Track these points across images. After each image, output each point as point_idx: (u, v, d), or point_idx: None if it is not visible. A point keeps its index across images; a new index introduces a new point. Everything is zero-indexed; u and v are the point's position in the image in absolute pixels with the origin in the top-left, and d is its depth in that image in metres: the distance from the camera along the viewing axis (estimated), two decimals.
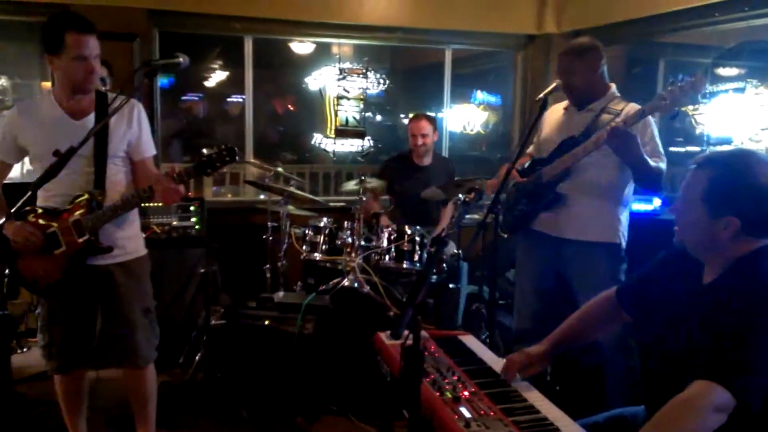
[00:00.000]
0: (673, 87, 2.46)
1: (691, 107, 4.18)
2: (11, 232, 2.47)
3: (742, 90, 4.06)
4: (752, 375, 1.49)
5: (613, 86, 2.95)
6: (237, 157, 2.47)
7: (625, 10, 4.50)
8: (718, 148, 3.73)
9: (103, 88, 3.30)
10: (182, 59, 2.33)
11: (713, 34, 4.66)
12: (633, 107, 2.78)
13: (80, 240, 2.49)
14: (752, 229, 1.63)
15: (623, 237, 2.95)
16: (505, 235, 3.24)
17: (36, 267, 2.53)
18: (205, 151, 2.56)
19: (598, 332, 2.12)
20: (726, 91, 4.12)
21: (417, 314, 1.65)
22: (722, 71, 4.86)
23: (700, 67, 5.40)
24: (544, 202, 2.99)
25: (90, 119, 2.57)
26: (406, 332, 1.64)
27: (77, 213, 2.50)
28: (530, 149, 3.29)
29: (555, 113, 3.12)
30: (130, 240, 2.68)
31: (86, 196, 2.51)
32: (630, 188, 2.94)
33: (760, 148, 3.74)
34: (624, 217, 2.96)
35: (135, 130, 2.67)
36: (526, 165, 3.18)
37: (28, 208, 2.53)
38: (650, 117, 2.72)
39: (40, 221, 2.53)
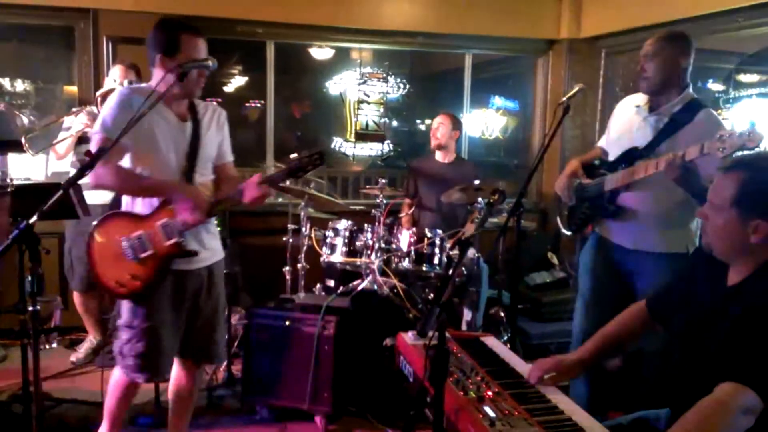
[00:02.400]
0: (732, 136, 2.30)
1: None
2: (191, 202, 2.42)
3: (766, 95, 4.02)
4: None
5: (690, 89, 2.81)
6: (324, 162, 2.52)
7: (646, 16, 4.49)
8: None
9: None
10: (212, 62, 2.37)
11: (733, 40, 4.63)
12: (708, 121, 2.69)
13: (168, 243, 2.46)
14: None
15: (693, 245, 2.83)
16: (569, 233, 3.22)
17: (121, 272, 2.47)
18: (293, 155, 2.58)
19: (631, 343, 2.11)
20: (750, 96, 4.08)
21: (443, 313, 1.66)
22: (744, 77, 4.83)
23: (721, 72, 5.37)
24: (605, 212, 2.93)
25: (189, 124, 2.58)
26: (431, 332, 1.66)
27: (165, 216, 2.48)
28: (602, 142, 3.19)
29: (625, 111, 3.00)
30: (216, 242, 2.71)
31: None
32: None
33: None
34: (693, 226, 2.84)
35: (221, 135, 2.71)
36: (595, 162, 3.10)
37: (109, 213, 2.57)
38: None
39: (125, 225, 2.49)
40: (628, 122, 2.96)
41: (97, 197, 3.82)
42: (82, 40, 4.66)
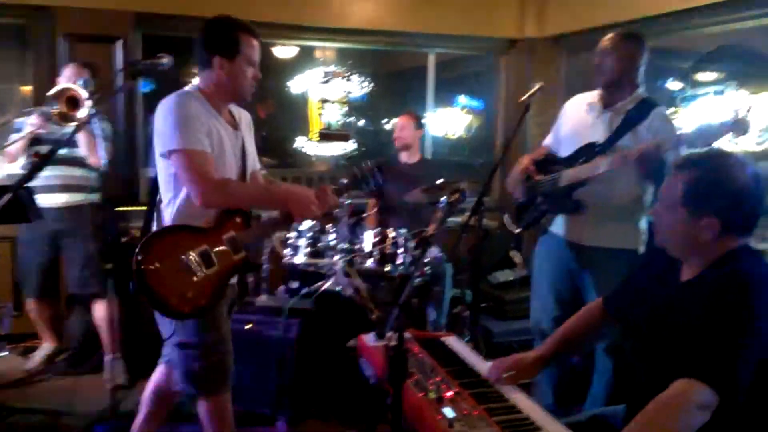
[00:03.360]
0: (713, 125, 2.41)
1: (671, 109, 4.22)
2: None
3: (721, 92, 4.10)
4: (734, 371, 1.50)
5: (642, 88, 2.89)
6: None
7: (607, 14, 4.53)
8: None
9: (79, 89, 3.28)
10: (166, 60, 2.31)
11: (690, 40, 4.71)
12: (662, 118, 2.76)
13: (237, 257, 2.33)
14: (731, 229, 1.65)
15: (642, 243, 2.90)
16: (518, 230, 3.22)
17: (183, 290, 2.24)
18: (356, 168, 2.60)
19: (591, 341, 2.12)
20: (706, 93, 4.16)
21: (402, 314, 1.64)
22: (701, 76, 4.92)
23: (679, 71, 5.46)
24: (562, 207, 2.96)
25: (239, 131, 2.46)
26: (390, 333, 1.63)
27: (231, 230, 2.34)
28: (548, 140, 3.23)
29: (577, 108, 3.04)
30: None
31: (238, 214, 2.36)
32: (650, 195, 2.87)
33: (738, 151, 3.78)
34: (643, 223, 2.91)
35: (253, 142, 2.61)
36: (543, 158, 3.12)
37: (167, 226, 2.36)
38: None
39: (187, 240, 2.28)
40: (580, 119, 2.99)
41: (50, 200, 3.71)
42: (37, 38, 4.50)
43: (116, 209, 4.18)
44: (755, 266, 1.62)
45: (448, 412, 1.69)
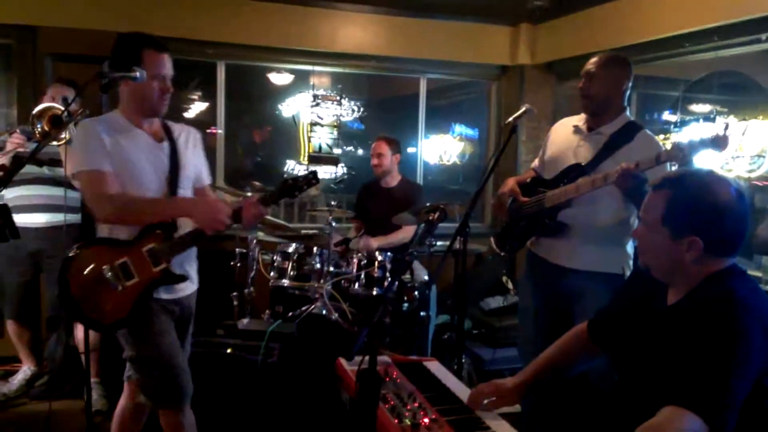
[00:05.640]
0: (693, 141, 2.36)
1: (662, 136, 4.21)
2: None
3: (712, 119, 4.09)
4: (723, 399, 1.43)
5: (627, 112, 2.87)
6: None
7: (598, 41, 4.53)
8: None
9: (63, 110, 3.24)
10: (138, 73, 2.26)
11: (682, 68, 4.71)
12: (647, 141, 2.73)
13: (156, 269, 2.34)
14: (715, 249, 1.59)
15: (628, 267, 2.84)
16: (502, 254, 3.18)
17: (103, 302, 2.31)
18: (286, 175, 2.54)
19: (574, 368, 2.04)
20: (697, 119, 4.15)
21: (373, 335, 1.57)
22: (693, 106, 4.92)
23: (670, 99, 5.47)
24: (545, 229, 2.92)
25: (166, 144, 2.49)
26: (361, 356, 1.56)
27: (152, 242, 2.36)
28: (535, 163, 3.21)
29: (563, 131, 3.02)
30: (194, 271, 2.60)
31: (159, 226, 2.38)
32: (636, 217, 2.79)
33: (731, 177, 3.76)
34: (629, 248, 2.85)
35: (199, 158, 2.64)
36: (529, 180, 3.09)
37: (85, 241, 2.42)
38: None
39: (106, 254, 2.34)
40: (566, 142, 2.97)
41: (30, 219, 3.66)
42: (21, 58, 4.49)
43: None
44: (743, 287, 1.56)
45: None
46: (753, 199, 4.53)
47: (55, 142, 3.41)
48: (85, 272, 2.31)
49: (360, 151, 6.88)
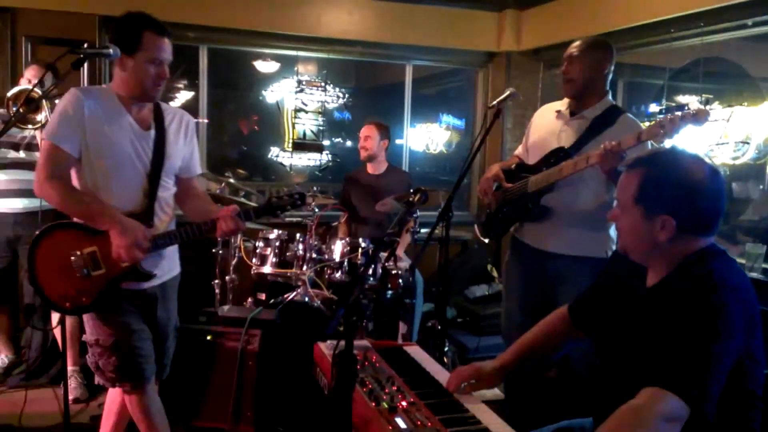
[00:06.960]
0: (673, 116, 2.35)
1: (648, 123, 4.17)
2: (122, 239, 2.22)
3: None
4: (704, 380, 1.40)
5: (609, 95, 2.86)
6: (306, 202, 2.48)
7: (584, 27, 4.50)
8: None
9: (39, 91, 3.17)
10: (112, 50, 2.19)
11: (669, 57, 4.69)
12: (629, 124, 2.72)
13: (125, 264, 2.28)
14: (689, 227, 1.57)
15: (611, 251, 2.78)
16: (486, 240, 3.17)
17: (66, 287, 2.29)
18: (274, 192, 2.52)
19: (554, 351, 2.02)
20: (683, 107, 4.12)
21: (350, 315, 1.54)
22: (681, 97, 4.89)
23: (655, 87, 5.44)
24: (529, 214, 2.90)
25: (152, 131, 2.41)
26: (337, 340, 1.53)
27: None
28: (519, 150, 3.20)
29: (546, 116, 3.01)
30: (168, 261, 2.53)
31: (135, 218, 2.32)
32: None
33: (715, 164, 3.73)
34: (612, 232, 2.83)
35: (190, 146, 2.56)
36: (513, 167, 3.07)
37: (60, 222, 2.37)
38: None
39: (77, 239, 2.30)
40: (549, 127, 2.96)
41: (7, 205, 3.59)
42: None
43: None
44: (722, 266, 1.54)
45: (401, 422, 1.58)
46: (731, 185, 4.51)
47: (30, 126, 3.36)
48: (53, 254, 2.29)
49: (348, 143, 6.82)
